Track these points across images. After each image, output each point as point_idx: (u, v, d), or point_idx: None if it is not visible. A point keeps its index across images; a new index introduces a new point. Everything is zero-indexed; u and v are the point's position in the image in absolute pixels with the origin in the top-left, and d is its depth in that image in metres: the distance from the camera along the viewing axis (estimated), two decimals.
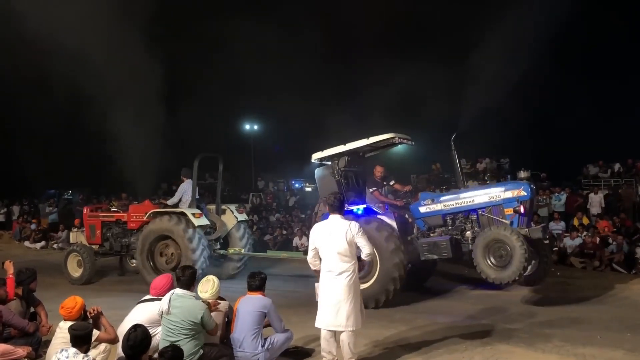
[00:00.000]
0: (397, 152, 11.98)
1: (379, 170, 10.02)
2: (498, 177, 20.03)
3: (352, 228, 5.71)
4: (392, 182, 10.22)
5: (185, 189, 11.58)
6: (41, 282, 7.35)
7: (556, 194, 17.58)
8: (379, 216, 9.10)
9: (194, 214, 11.00)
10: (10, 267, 6.65)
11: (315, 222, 6.89)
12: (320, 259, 5.82)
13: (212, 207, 12.34)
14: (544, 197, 17.68)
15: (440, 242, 8.84)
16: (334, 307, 5.63)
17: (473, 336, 7.04)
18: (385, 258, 8.63)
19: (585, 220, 14.89)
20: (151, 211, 11.48)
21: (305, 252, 11.46)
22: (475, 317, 8.19)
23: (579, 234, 13.19)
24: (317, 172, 10.06)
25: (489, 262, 8.09)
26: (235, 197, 25.44)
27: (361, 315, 5.78)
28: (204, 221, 11.19)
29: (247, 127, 36.46)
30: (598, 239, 12.74)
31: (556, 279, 11.00)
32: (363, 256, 5.77)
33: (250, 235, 12.70)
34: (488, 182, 17.61)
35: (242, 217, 12.41)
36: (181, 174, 11.88)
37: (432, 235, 9.23)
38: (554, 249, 12.79)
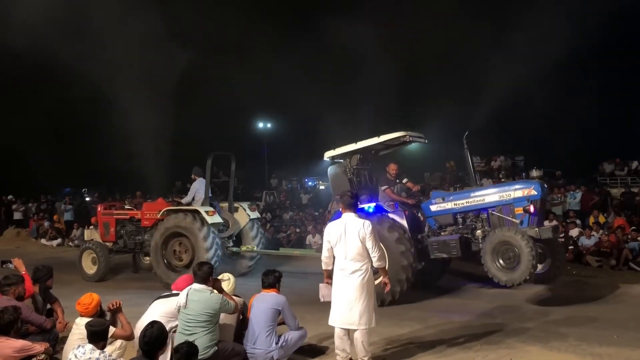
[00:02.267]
0: (411, 150, 11.95)
1: (392, 168, 10.00)
2: (513, 175, 19.91)
3: (365, 227, 5.70)
4: (404, 180, 10.20)
5: (198, 188, 11.66)
6: (57, 279, 7.43)
7: (571, 192, 17.42)
8: (390, 215, 9.09)
9: (207, 212, 11.05)
10: (20, 265, 6.73)
11: (329, 220, 6.90)
12: (334, 258, 5.83)
13: (225, 205, 12.40)
14: (559, 195, 17.53)
15: (450, 240, 8.83)
16: (347, 306, 5.63)
17: (487, 335, 7.01)
18: (395, 259, 8.63)
19: (602, 219, 14.73)
20: (165, 209, 11.55)
21: (318, 250, 11.52)
22: (490, 316, 8.15)
23: (594, 233, 13.05)
24: (330, 170, 10.08)
25: (498, 264, 8.07)
26: (248, 195, 25.53)
27: (375, 314, 5.77)
28: (217, 219, 11.25)
29: (261, 125, 36.56)
30: (615, 238, 12.58)
31: (572, 278, 10.90)
32: (374, 263, 5.72)
33: (263, 233, 12.73)
34: (503, 180, 17.49)
35: (255, 215, 12.46)
36: (192, 173, 11.98)
37: (442, 233, 9.22)
38: (570, 247, 12.69)
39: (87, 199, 24.43)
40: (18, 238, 21.06)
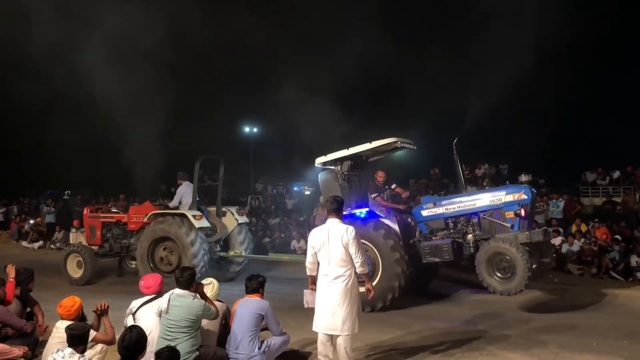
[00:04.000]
0: (396, 157, 12.01)
1: (380, 176, 10.09)
2: (497, 182, 20.04)
3: (348, 233, 5.69)
4: (393, 186, 10.29)
5: (184, 192, 11.60)
6: (39, 282, 7.35)
7: (554, 201, 17.60)
8: (383, 220, 9.15)
9: (194, 216, 11.00)
10: (12, 271, 6.64)
11: (314, 225, 6.91)
12: (318, 263, 5.83)
13: (213, 209, 12.34)
14: (542, 203, 17.70)
15: (442, 245, 8.90)
16: (330, 311, 5.63)
17: (469, 341, 7.05)
18: (388, 266, 8.72)
19: (584, 227, 14.90)
20: (152, 212, 11.47)
21: (304, 255, 11.48)
22: (472, 322, 8.20)
23: (576, 240, 13.19)
24: (321, 176, 10.10)
25: (493, 275, 8.17)
26: (234, 199, 25.42)
27: (358, 320, 5.78)
28: (204, 223, 11.20)
29: (247, 129, 36.47)
30: (597, 247, 12.74)
31: (553, 286, 11.01)
32: (357, 268, 5.69)
33: (251, 238, 12.69)
34: (487, 187, 17.62)
35: (243, 219, 12.42)
36: (177, 177, 11.91)
37: (434, 238, 9.29)
38: (552, 255, 12.81)
39: (67, 199, 24.19)
40: None
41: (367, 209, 9.31)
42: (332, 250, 5.69)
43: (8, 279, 6.48)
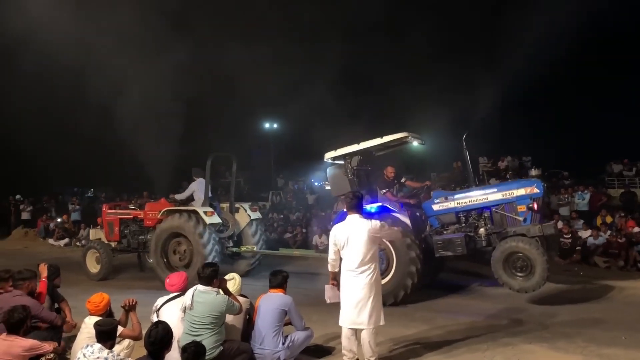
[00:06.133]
0: (418, 150, 11.93)
1: (390, 171, 10.11)
2: (520, 175, 19.84)
3: (373, 226, 5.75)
4: (403, 180, 10.27)
5: (196, 188, 11.75)
6: (65, 279, 7.47)
7: (580, 193, 17.35)
8: (395, 214, 9.13)
9: (205, 212, 11.12)
10: (44, 270, 6.75)
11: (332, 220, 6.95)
12: (341, 259, 5.85)
13: (226, 205, 12.45)
14: (566, 195, 17.47)
15: (455, 239, 8.87)
16: (357, 306, 5.66)
17: (494, 335, 7.00)
18: (402, 253, 8.73)
19: (609, 219, 14.66)
20: (164, 209, 11.63)
21: (319, 251, 11.53)
22: (496, 317, 8.14)
23: (601, 233, 13.00)
24: (329, 170, 10.12)
25: (511, 273, 8.16)
26: (255, 195, 25.54)
27: (382, 312, 5.81)
28: (215, 219, 11.31)
29: (267, 125, 36.58)
30: (624, 239, 12.52)
31: (579, 279, 10.87)
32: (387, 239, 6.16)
33: (263, 233, 12.76)
34: (510, 180, 17.46)
35: (256, 215, 12.49)
36: (192, 174, 12.06)
37: (445, 232, 9.26)
38: (577, 248, 12.66)
39: (92, 197, 24.58)
40: (26, 238, 21.21)
41: (378, 204, 9.29)
42: (356, 245, 5.71)
43: (40, 278, 6.60)
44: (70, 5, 15.05)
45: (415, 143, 9.86)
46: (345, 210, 8.96)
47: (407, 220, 9.07)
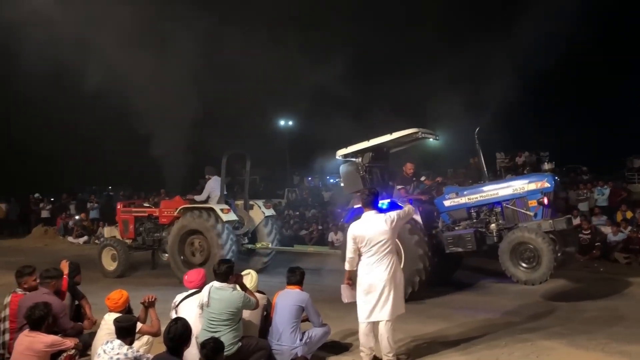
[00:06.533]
0: (433, 146, 11.88)
1: (409, 168, 10.09)
2: (538, 170, 19.68)
3: (390, 218, 5.80)
4: (422, 178, 10.22)
5: (213, 186, 11.81)
6: (84, 276, 7.55)
7: (599, 188, 17.14)
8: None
9: (222, 210, 11.20)
10: (65, 267, 6.84)
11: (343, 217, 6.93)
12: (359, 257, 5.85)
13: (240, 202, 12.51)
14: (585, 191, 17.28)
15: (465, 235, 8.84)
16: (379, 300, 5.68)
17: (512, 332, 6.96)
18: (410, 250, 8.70)
19: (629, 215, 14.47)
20: (181, 207, 11.71)
21: (334, 247, 11.48)
22: (515, 313, 8.08)
23: (622, 229, 12.83)
24: (342, 168, 10.13)
25: (518, 265, 8.05)
26: (271, 192, 25.63)
27: (403, 302, 5.88)
28: (232, 216, 11.39)
29: (282, 122, 36.67)
30: None
31: (599, 275, 10.75)
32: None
33: (278, 230, 12.82)
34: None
35: (270, 212, 12.57)
36: (205, 172, 12.14)
37: (456, 228, 9.22)
38: (596, 244, 12.50)
39: (110, 195, 24.84)
40: (46, 236, 21.49)
41: (388, 200, 9.27)
42: (374, 240, 5.72)
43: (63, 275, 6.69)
44: (89, 5, 15.22)
45: (428, 138, 9.82)
46: (356, 207, 9.06)
47: (416, 217, 9.02)
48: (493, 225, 8.84)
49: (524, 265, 8.00)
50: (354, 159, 9.81)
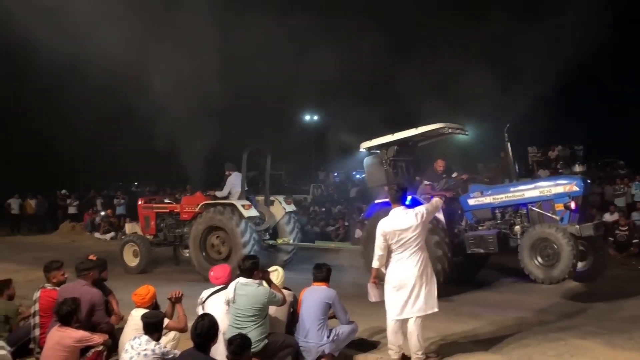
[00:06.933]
0: (462, 140, 11.74)
1: (440, 165, 9.99)
2: (571, 165, 19.33)
3: (420, 211, 5.81)
4: (454, 175, 10.11)
5: (234, 182, 11.90)
6: (110, 272, 7.67)
7: (636, 183, 16.76)
8: None
9: (243, 206, 11.30)
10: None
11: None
12: (389, 254, 5.84)
13: (261, 198, 12.59)
14: (622, 186, 16.92)
15: (487, 236, 8.74)
16: (410, 296, 5.68)
17: (545, 331, 6.87)
18: (429, 250, 8.53)
19: None
20: (202, 203, 11.82)
21: (355, 243, 11.44)
22: (547, 312, 7.97)
23: None
24: (366, 160, 10.10)
25: (536, 261, 7.91)
26: (296, 188, 25.69)
27: (435, 300, 5.85)
28: (253, 212, 11.49)
29: (307, 117, 36.71)
30: None
31: (636, 273, 10.53)
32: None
33: (298, 226, 12.88)
34: (561, 170, 17.01)
35: (290, 208, 12.65)
36: (225, 168, 12.22)
37: (480, 228, 9.12)
38: (634, 240, 12.24)
39: (136, 191, 25.18)
40: (73, 232, 21.92)
41: (410, 197, 9.20)
42: (405, 237, 5.72)
43: None
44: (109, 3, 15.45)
45: (456, 134, 9.71)
46: (378, 202, 9.00)
47: (439, 215, 8.92)
48: (517, 227, 8.71)
49: (541, 261, 7.86)
50: (378, 152, 9.77)
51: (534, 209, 8.67)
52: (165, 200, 13.78)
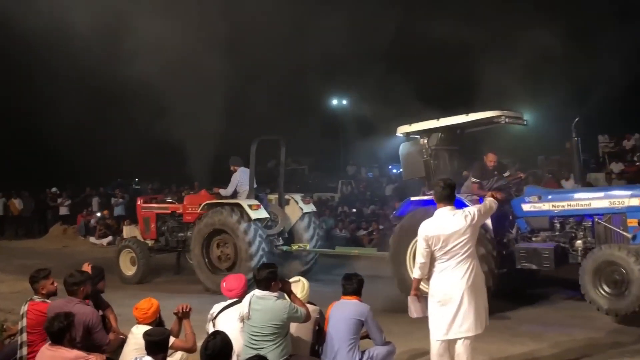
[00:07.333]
0: (520, 129, 11.59)
1: (491, 160, 9.81)
2: None
3: (470, 212, 5.71)
4: (506, 174, 9.97)
5: (240, 178, 11.89)
6: (108, 282, 7.72)
7: None
8: None
9: (250, 206, 11.25)
10: (87, 270, 7.06)
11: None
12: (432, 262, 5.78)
13: (274, 197, 12.59)
14: None
15: (542, 250, 8.63)
16: (458, 313, 5.56)
17: (620, 354, 6.81)
18: None
19: None
20: (204, 203, 11.85)
21: (381, 249, 11.36)
22: (621, 332, 7.87)
23: None
24: (402, 147, 10.01)
25: (601, 290, 7.76)
26: (322, 185, 25.67)
27: (487, 316, 5.78)
28: (262, 213, 11.45)
29: (335, 102, 36.40)
30: None
31: None
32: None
33: (319, 230, 12.81)
34: (638, 163, 16.70)
35: (309, 208, 12.58)
36: (230, 163, 12.20)
37: (534, 239, 9.00)
38: None
39: (137, 189, 25.43)
40: (65, 236, 22.13)
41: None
42: (452, 242, 5.60)
43: None
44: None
45: (513, 124, 9.57)
46: (413, 199, 8.91)
47: (488, 222, 8.74)
48: (579, 242, 8.59)
49: (607, 290, 7.71)
50: (417, 138, 9.69)
51: (601, 222, 8.49)
52: (167, 200, 13.84)
